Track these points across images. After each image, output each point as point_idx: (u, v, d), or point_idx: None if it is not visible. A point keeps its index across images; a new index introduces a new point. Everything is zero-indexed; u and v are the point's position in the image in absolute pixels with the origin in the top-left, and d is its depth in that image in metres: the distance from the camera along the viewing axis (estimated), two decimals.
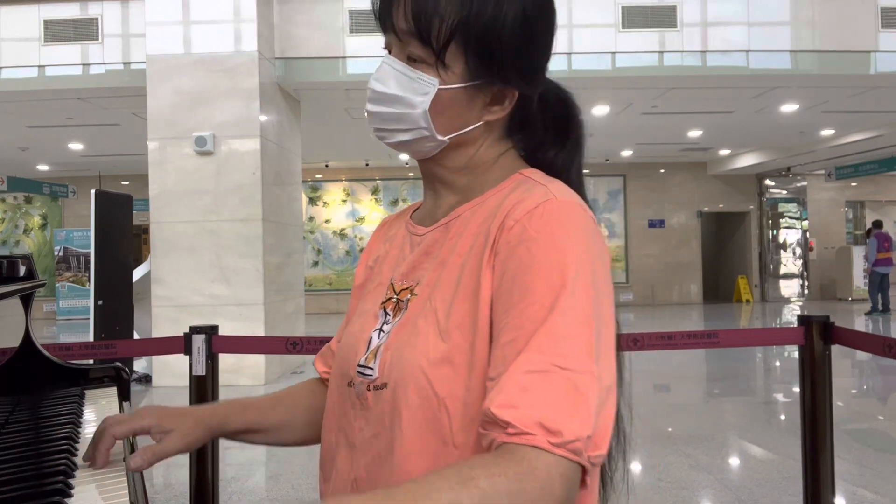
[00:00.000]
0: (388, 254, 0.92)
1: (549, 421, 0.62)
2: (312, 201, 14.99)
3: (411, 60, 0.78)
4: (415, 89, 0.78)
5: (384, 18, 0.80)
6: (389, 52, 0.81)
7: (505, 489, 0.59)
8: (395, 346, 0.78)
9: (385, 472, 0.76)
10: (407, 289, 0.83)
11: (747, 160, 13.96)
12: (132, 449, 0.96)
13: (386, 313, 0.84)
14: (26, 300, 1.38)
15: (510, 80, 0.79)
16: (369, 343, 0.83)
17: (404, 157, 12.73)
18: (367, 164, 14.32)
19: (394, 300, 0.84)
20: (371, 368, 0.80)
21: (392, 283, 0.86)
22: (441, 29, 0.75)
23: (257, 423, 0.94)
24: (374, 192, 15.05)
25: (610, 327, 0.71)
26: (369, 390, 0.79)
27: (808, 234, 16.02)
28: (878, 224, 13.15)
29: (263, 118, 6.63)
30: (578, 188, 0.84)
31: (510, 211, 0.74)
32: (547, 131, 0.88)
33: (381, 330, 0.83)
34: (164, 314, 6.45)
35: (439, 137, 0.81)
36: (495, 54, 0.77)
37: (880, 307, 12.41)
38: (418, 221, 0.90)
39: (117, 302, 6.45)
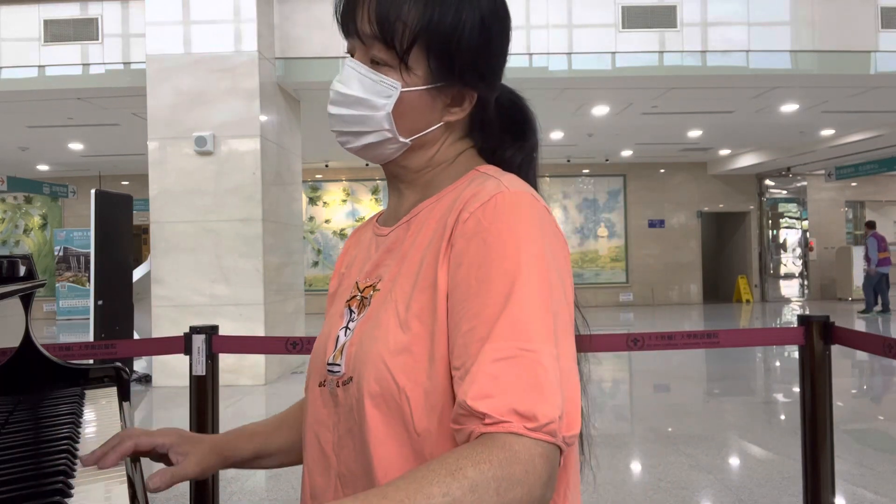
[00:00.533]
0: (355, 258, 0.95)
1: (523, 407, 0.65)
2: (312, 201, 14.99)
3: (374, 64, 0.81)
4: (378, 91, 0.81)
5: (347, 23, 0.83)
6: (352, 56, 0.84)
7: (492, 475, 0.62)
8: (358, 340, 0.80)
9: (363, 463, 0.77)
10: (370, 286, 0.85)
11: (747, 160, 13.96)
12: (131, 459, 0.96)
13: (351, 311, 0.86)
14: (26, 300, 1.38)
15: (469, 81, 0.82)
16: (336, 341, 0.85)
17: None
18: (367, 165, 14.29)
19: (358, 298, 0.86)
20: (338, 365, 0.83)
21: (357, 283, 0.88)
22: (404, 33, 0.78)
23: (265, 448, 0.98)
24: (374, 192, 15.05)
25: (567, 311, 0.74)
26: (338, 386, 0.82)
27: (808, 234, 16.02)
28: (871, 224, 13.19)
29: (263, 118, 6.63)
30: (533, 184, 0.88)
31: (465, 204, 0.77)
32: (505, 133, 0.91)
33: (346, 328, 0.85)
34: (164, 314, 6.45)
35: (402, 139, 0.83)
36: (455, 58, 0.80)
37: (880, 307, 12.42)
38: (383, 223, 0.93)
39: (117, 302, 6.45)
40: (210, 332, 2.62)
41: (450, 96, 0.83)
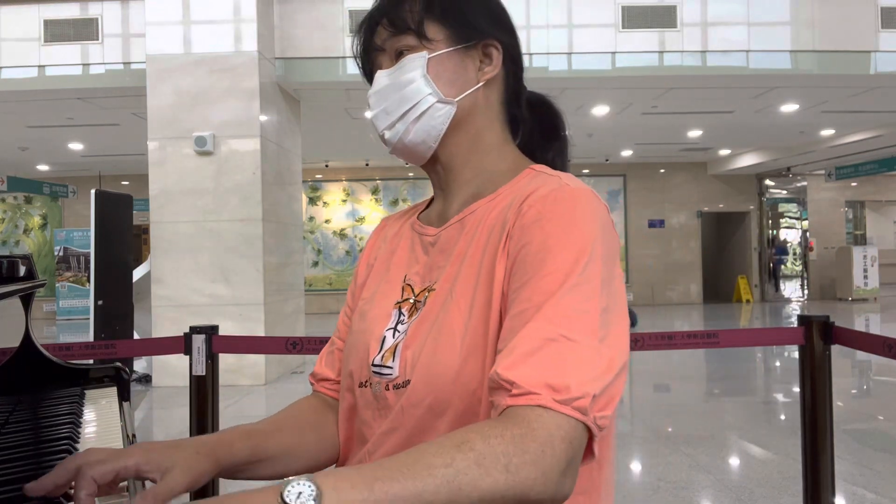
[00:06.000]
0: (394, 253, 0.92)
1: (556, 379, 0.62)
2: (312, 201, 14.98)
3: (399, 56, 0.85)
4: (408, 69, 0.84)
5: (369, 54, 0.89)
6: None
7: (501, 450, 0.58)
8: (416, 343, 0.78)
9: None
10: (425, 289, 0.83)
11: (747, 160, 13.96)
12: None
13: (401, 313, 0.84)
14: (26, 300, 1.38)
15: (489, 31, 0.87)
16: (382, 342, 0.83)
17: None
18: (367, 164, 14.32)
19: (411, 301, 0.84)
20: (389, 367, 0.80)
21: (410, 285, 0.86)
22: (413, 12, 0.84)
23: (263, 450, 0.85)
24: (374, 192, 15.05)
25: (621, 306, 0.72)
26: (388, 389, 0.79)
27: (808, 234, 16.02)
28: None
29: (263, 118, 6.63)
30: None
31: (526, 198, 0.77)
32: (534, 132, 0.95)
33: (395, 329, 0.83)
34: (164, 314, 6.45)
35: (447, 99, 0.84)
36: (467, 12, 0.86)
37: None
38: (427, 222, 0.91)
39: (117, 302, 6.45)
40: (210, 332, 2.62)
41: (478, 57, 0.86)
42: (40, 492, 0.69)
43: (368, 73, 0.90)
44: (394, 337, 0.82)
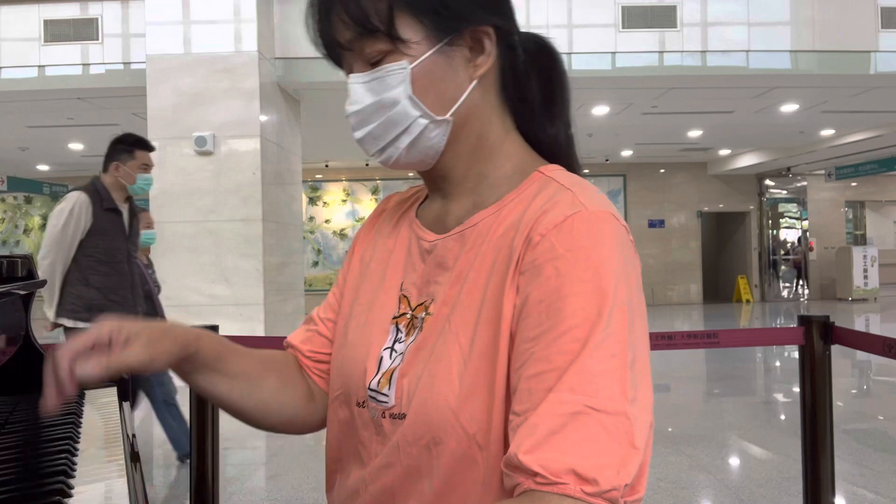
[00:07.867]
0: (391, 254, 0.84)
1: (583, 468, 0.56)
2: (312, 201, 14.99)
3: (373, 65, 0.73)
4: (389, 85, 0.72)
5: (332, 48, 0.78)
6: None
7: None
8: (412, 372, 0.72)
9: None
10: (422, 304, 0.76)
11: (747, 160, 13.97)
12: (132, 448, 0.95)
13: (398, 330, 0.77)
14: (26, 300, 1.38)
15: (475, 17, 0.73)
16: (380, 362, 0.77)
17: None
18: (367, 164, 14.32)
19: (408, 316, 0.77)
20: (386, 395, 0.74)
21: (407, 297, 0.79)
22: (378, 8, 0.71)
23: (227, 363, 0.82)
24: (374, 192, 15.05)
25: (645, 354, 0.66)
26: (384, 417, 0.74)
27: (808, 234, 16.03)
28: None
29: (263, 118, 6.63)
30: (577, 165, 0.84)
31: (535, 224, 0.68)
32: (535, 88, 0.84)
33: (392, 349, 0.77)
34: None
35: (440, 118, 0.74)
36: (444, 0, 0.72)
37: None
38: (426, 223, 0.82)
39: None
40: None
41: (466, 47, 0.74)
42: (54, 403, 0.67)
43: (335, 59, 0.79)
44: (391, 358, 0.76)
